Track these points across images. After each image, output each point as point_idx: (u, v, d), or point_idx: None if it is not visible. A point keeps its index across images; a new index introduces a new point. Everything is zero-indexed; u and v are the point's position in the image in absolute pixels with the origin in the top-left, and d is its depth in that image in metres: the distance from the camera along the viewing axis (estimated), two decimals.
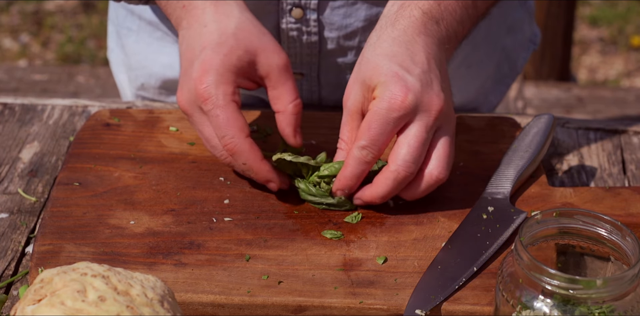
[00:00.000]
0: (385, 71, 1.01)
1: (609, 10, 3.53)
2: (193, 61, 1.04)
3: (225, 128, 1.02)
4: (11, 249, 1.06)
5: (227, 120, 1.02)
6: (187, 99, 1.04)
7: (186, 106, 1.05)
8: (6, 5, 3.58)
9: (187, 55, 1.06)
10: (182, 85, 1.05)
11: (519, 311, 0.84)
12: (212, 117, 1.02)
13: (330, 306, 0.94)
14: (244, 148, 1.02)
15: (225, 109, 1.02)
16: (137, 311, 0.77)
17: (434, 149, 1.02)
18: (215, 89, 1.02)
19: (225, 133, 1.02)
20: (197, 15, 1.07)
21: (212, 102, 1.02)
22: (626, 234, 0.85)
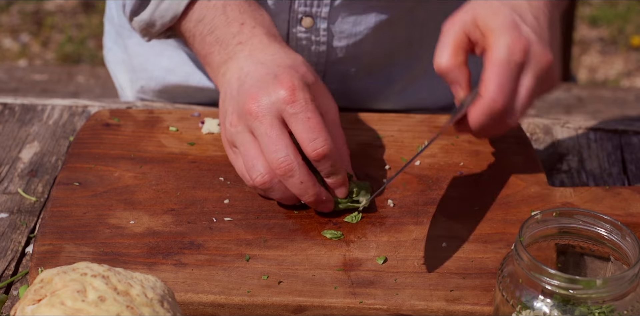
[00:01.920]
0: (504, 18, 1.02)
1: (609, 10, 3.52)
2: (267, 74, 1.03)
3: (320, 130, 0.99)
4: (11, 249, 1.06)
5: (319, 122, 1.00)
6: (265, 103, 1.01)
7: (259, 109, 1.01)
8: (6, 5, 3.58)
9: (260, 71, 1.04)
10: (259, 93, 1.01)
11: (519, 311, 0.84)
12: (301, 120, 0.99)
13: (330, 306, 0.94)
14: (334, 152, 1.00)
15: (315, 112, 1.00)
16: (137, 311, 0.77)
17: None
18: (304, 93, 1.01)
19: (318, 135, 0.99)
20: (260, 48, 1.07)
21: (302, 105, 1.00)
22: (626, 234, 0.85)
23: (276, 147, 0.99)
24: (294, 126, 1.00)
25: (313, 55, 1.27)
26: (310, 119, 0.99)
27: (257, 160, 1.01)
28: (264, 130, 1.00)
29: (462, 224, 1.04)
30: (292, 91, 1.00)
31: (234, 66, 1.08)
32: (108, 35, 1.47)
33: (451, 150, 1.15)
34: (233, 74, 1.07)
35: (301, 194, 1.01)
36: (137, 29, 1.18)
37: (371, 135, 1.17)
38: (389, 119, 1.20)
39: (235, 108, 1.03)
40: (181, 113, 1.21)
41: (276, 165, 0.99)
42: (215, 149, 1.14)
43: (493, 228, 1.03)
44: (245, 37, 1.09)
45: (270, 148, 0.99)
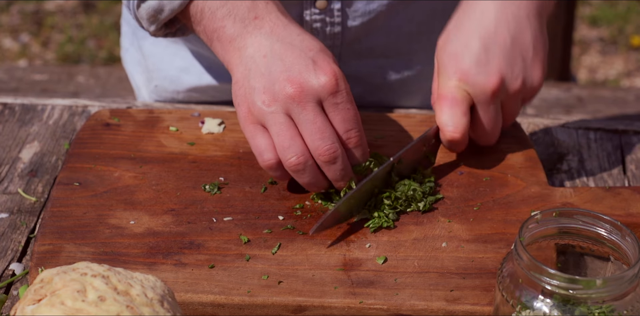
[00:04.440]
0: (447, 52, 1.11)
1: (609, 10, 3.52)
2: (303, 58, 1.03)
3: (356, 122, 1.03)
4: (11, 249, 1.06)
5: (356, 114, 1.03)
6: (307, 88, 1.01)
7: (302, 94, 1.01)
8: (6, 5, 3.58)
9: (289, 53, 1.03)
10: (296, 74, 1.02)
11: (519, 311, 0.84)
12: (342, 111, 1.02)
13: (330, 306, 0.94)
14: (365, 141, 1.04)
15: (353, 104, 1.03)
16: (137, 311, 0.77)
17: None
18: (345, 84, 1.02)
19: (354, 126, 1.02)
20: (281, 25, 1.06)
21: (344, 96, 1.02)
22: (626, 234, 0.85)
23: (323, 135, 1.01)
24: (334, 115, 1.02)
25: (328, 37, 1.27)
26: (349, 110, 1.02)
27: (294, 141, 1.02)
28: (309, 117, 1.01)
29: (462, 224, 1.04)
30: (335, 80, 1.01)
31: (255, 41, 1.06)
32: (125, 36, 1.47)
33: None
34: (257, 50, 1.05)
35: (338, 179, 1.04)
36: (144, 17, 1.14)
37: (371, 135, 1.17)
38: (389, 119, 1.20)
39: (268, 88, 1.03)
40: (181, 113, 1.21)
41: (322, 151, 1.01)
42: (215, 149, 1.15)
43: (493, 228, 1.03)
44: (261, 12, 1.07)
45: (317, 135, 1.01)
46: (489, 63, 1.08)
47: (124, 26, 1.47)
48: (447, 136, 1.09)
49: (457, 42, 1.10)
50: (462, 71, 1.08)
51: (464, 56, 1.09)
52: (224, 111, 1.22)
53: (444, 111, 1.09)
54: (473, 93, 1.09)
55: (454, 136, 1.09)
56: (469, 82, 1.08)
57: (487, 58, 1.09)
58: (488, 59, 1.08)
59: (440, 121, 1.09)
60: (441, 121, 1.09)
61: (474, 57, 1.08)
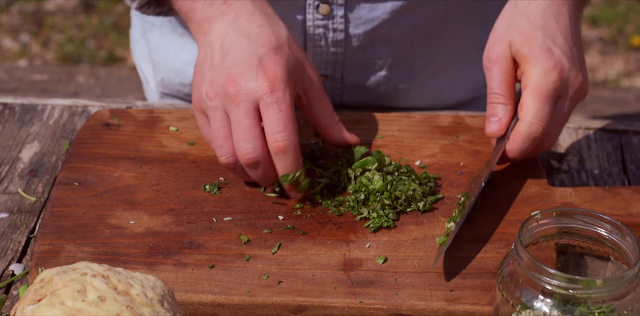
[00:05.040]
0: (538, 44, 1.06)
1: (609, 10, 3.52)
2: (252, 54, 1.03)
3: (286, 125, 1.01)
4: (11, 249, 1.06)
5: (289, 117, 1.01)
6: (245, 88, 1.02)
7: (239, 93, 1.02)
8: (6, 5, 3.58)
9: (240, 47, 1.04)
10: (238, 73, 1.02)
11: (519, 311, 0.84)
12: (273, 111, 1.01)
13: (330, 306, 0.94)
14: (295, 147, 1.02)
15: (289, 106, 1.02)
16: (137, 311, 0.77)
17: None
18: (284, 86, 1.02)
19: (283, 129, 1.01)
20: (246, 13, 1.07)
21: (279, 97, 1.01)
22: (626, 234, 0.85)
23: (245, 137, 1.01)
24: (265, 115, 1.01)
25: (331, 44, 1.27)
26: (281, 112, 1.01)
27: (225, 141, 1.03)
28: (238, 116, 1.01)
29: (462, 224, 1.04)
30: (273, 82, 1.01)
31: (216, 28, 1.07)
32: (135, 29, 1.48)
33: (451, 150, 1.15)
34: (216, 37, 1.07)
35: (261, 183, 1.05)
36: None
37: (371, 135, 1.17)
38: (389, 119, 1.20)
39: (212, 81, 1.04)
40: (181, 113, 1.21)
41: (242, 155, 1.02)
42: None
43: (493, 228, 1.03)
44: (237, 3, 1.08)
45: (240, 136, 1.01)
46: (575, 62, 1.08)
47: (134, 18, 1.48)
48: (534, 129, 1.05)
49: (543, 35, 1.08)
50: (561, 66, 1.06)
51: (556, 51, 1.07)
52: None
53: (537, 105, 1.05)
54: (562, 90, 1.07)
55: (539, 130, 1.05)
56: (563, 79, 1.06)
57: (572, 56, 1.08)
58: (573, 58, 1.08)
59: (530, 112, 1.05)
60: (531, 113, 1.05)
61: (566, 54, 1.07)
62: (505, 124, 1.09)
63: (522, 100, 1.06)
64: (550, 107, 1.05)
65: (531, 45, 1.06)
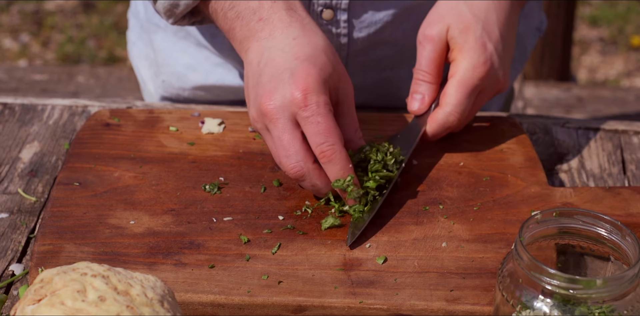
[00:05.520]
0: (475, 37, 1.10)
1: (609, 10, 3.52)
2: (285, 68, 1.03)
3: (327, 135, 1.01)
4: (11, 249, 1.06)
5: (329, 127, 1.01)
6: (277, 104, 1.01)
7: (274, 111, 1.01)
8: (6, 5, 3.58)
9: (274, 63, 1.04)
10: (272, 90, 1.02)
11: (519, 311, 0.84)
12: (311, 124, 1.01)
13: (330, 306, 0.94)
14: (343, 156, 1.01)
15: (326, 116, 1.01)
16: (137, 311, 0.77)
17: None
18: (317, 97, 1.01)
19: (325, 140, 1.01)
20: (281, 27, 1.06)
21: (313, 109, 1.01)
22: (626, 234, 0.85)
23: (287, 153, 1.02)
24: (305, 129, 1.01)
25: (335, 48, 1.27)
26: (319, 123, 1.00)
27: (276, 157, 1.04)
28: (277, 134, 1.02)
29: (462, 224, 1.04)
30: (305, 95, 1.01)
31: (254, 46, 1.07)
32: (133, 30, 1.47)
33: (451, 150, 1.15)
34: (255, 56, 1.06)
35: (315, 192, 1.05)
36: (161, 11, 1.16)
37: (371, 135, 1.17)
38: (389, 119, 1.20)
39: (254, 101, 1.04)
40: (181, 113, 1.21)
41: (287, 170, 1.02)
42: (215, 149, 1.15)
43: (493, 228, 1.03)
44: (265, 13, 1.07)
45: (281, 153, 1.02)
46: (504, 60, 1.11)
47: (131, 20, 1.47)
48: (450, 119, 1.10)
49: (482, 30, 1.10)
50: (491, 63, 1.09)
51: (490, 48, 1.10)
52: (224, 111, 1.22)
53: (459, 98, 1.10)
54: (486, 86, 1.11)
55: (455, 121, 1.11)
56: (490, 75, 1.10)
57: (503, 54, 1.11)
58: (504, 56, 1.10)
59: (450, 103, 1.10)
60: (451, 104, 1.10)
61: (498, 52, 1.10)
62: (427, 103, 1.14)
63: (446, 88, 1.11)
64: (471, 101, 1.11)
65: (468, 37, 1.10)
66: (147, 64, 1.43)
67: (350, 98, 1.07)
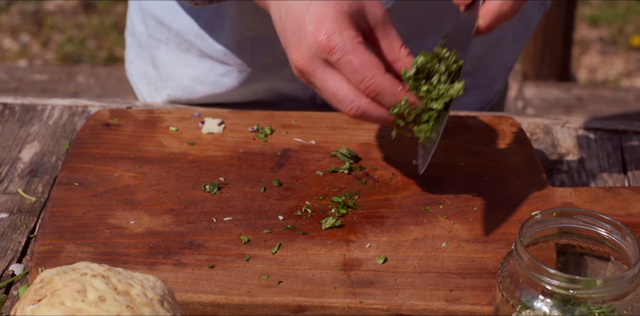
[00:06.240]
0: None
1: (609, 10, 3.52)
2: (302, 17, 0.99)
3: (363, 70, 0.96)
4: (11, 249, 1.06)
5: (362, 62, 0.96)
6: (306, 56, 0.98)
7: (306, 64, 0.98)
8: (6, 5, 3.58)
9: (291, 15, 1.00)
10: (297, 44, 0.98)
11: (519, 311, 0.84)
12: (344, 65, 0.97)
13: (330, 306, 0.94)
14: (388, 83, 0.97)
15: (355, 52, 0.96)
16: (137, 311, 0.77)
17: None
18: (340, 35, 0.97)
19: (363, 75, 0.96)
20: None
21: (340, 50, 0.96)
22: (626, 234, 0.85)
23: (337, 99, 0.98)
24: (341, 71, 0.98)
25: None
26: (352, 61, 0.97)
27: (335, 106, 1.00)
28: (320, 84, 0.99)
29: (462, 224, 1.04)
30: (327, 38, 0.97)
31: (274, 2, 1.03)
32: (130, 48, 1.45)
33: (451, 150, 1.15)
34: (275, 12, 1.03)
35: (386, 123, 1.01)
36: None
37: (371, 135, 1.17)
38: None
39: (290, 61, 1.00)
40: (181, 113, 1.21)
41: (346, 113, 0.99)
42: (215, 149, 1.15)
43: (493, 228, 1.03)
44: None
45: (333, 100, 0.99)
46: None
47: (128, 38, 1.46)
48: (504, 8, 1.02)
49: None
50: None
51: None
52: (224, 111, 1.22)
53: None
54: None
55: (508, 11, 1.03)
56: None
57: None
58: None
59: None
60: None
61: None
62: None
63: None
64: None
65: None
66: (146, 81, 1.42)
67: (382, 18, 1.02)
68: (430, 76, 1.01)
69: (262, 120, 1.20)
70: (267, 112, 1.22)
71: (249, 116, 1.20)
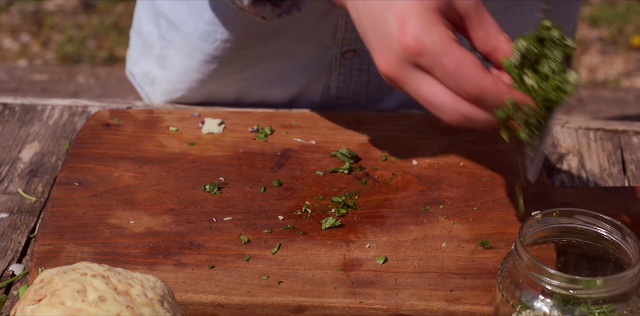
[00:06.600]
0: None
1: (609, 10, 3.52)
2: (383, 17, 0.87)
3: (459, 73, 0.85)
4: (11, 250, 1.06)
5: (457, 63, 0.85)
6: (393, 61, 0.87)
7: (394, 70, 0.87)
8: (6, 5, 3.58)
9: (371, 14, 0.89)
10: (381, 47, 0.88)
11: (519, 311, 0.84)
12: (437, 68, 0.86)
13: (330, 306, 0.94)
14: (488, 83, 0.85)
15: (448, 53, 0.85)
16: (137, 311, 0.77)
17: None
18: (428, 36, 0.86)
19: (459, 79, 0.85)
20: None
21: (431, 52, 0.85)
22: (626, 234, 0.85)
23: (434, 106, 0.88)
24: (435, 75, 0.87)
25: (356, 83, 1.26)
26: (445, 65, 0.86)
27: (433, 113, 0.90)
28: (413, 90, 0.88)
29: (462, 224, 1.04)
30: (415, 41, 0.85)
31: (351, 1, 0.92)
32: (134, 48, 1.44)
33: (451, 150, 1.15)
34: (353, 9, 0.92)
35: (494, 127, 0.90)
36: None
37: (371, 135, 1.17)
38: (389, 119, 1.20)
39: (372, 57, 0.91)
40: (181, 113, 1.21)
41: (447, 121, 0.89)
42: (215, 149, 1.15)
43: (493, 228, 1.03)
44: None
45: (430, 107, 0.89)
46: None
47: (133, 37, 1.45)
48: None
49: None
50: None
51: None
52: (224, 111, 1.22)
53: None
54: None
55: None
56: None
57: None
58: None
59: None
60: None
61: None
62: None
63: None
64: None
65: None
66: (149, 81, 1.41)
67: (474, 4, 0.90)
68: (538, 62, 0.88)
69: (262, 120, 1.20)
70: (267, 112, 1.22)
71: (249, 116, 1.20)
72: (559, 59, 0.86)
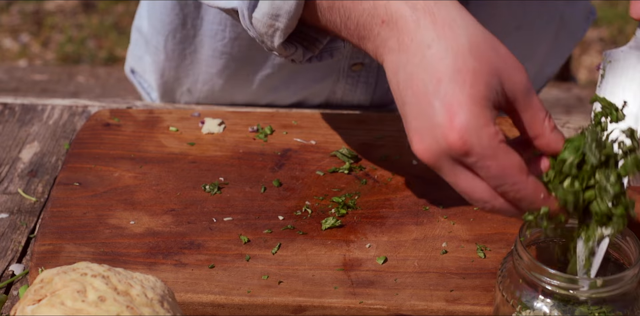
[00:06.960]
0: None
1: (609, 10, 3.53)
2: (428, 100, 0.81)
3: (503, 177, 0.81)
4: (11, 250, 1.06)
5: (502, 168, 0.80)
6: (434, 152, 0.81)
7: (434, 159, 0.82)
8: (6, 5, 3.58)
9: (415, 89, 0.82)
10: (421, 132, 0.82)
11: (519, 311, 0.84)
12: (481, 169, 0.81)
13: (330, 306, 0.94)
14: (529, 191, 0.82)
15: (495, 156, 0.80)
16: (137, 311, 0.77)
17: None
18: (477, 136, 0.79)
19: (503, 182, 0.81)
20: (409, 30, 0.83)
21: (477, 154, 0.80)
22: (626, 234, 0.85)
23: (470, 197, 0.84)
24: (477, 172, 0.83)
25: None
26: (490, 167, 0.81)
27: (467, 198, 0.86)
28: (450, 179, 0.85)
29: (462, 224, 1.04)
30: (462, 138, 0.80)
31: (388, 60, 0.85)
32: (136, 45, 1.44)
33: None
34: (392, 74, 0.85)
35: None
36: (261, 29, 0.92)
37: (371, 135, 1.17)
38: (389, 119, 1.20)
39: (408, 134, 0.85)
40: (181, 113, 1.21)
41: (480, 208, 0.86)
42: (215, 149, 1.15)
43: (493, 228, 1.03)
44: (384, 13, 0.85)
45: (466, 196, 0.85)
46: None
47: (134, 34, 1.44)
48: None
49: None
50: None
51: None
52: (224, 111, 1.22)
53: None
54: None
55: None
56: None
57: None
58: None
59: None
60: None
61: None
62: None
63: None
64: None
65: None
66: (153, 78, 1.41)
67: (524, 88, 0.84)
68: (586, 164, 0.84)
69: (262, 120, 1.20)
70: (267, 112, 1.22)
71: (249, 116, 1.20)
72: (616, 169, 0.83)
